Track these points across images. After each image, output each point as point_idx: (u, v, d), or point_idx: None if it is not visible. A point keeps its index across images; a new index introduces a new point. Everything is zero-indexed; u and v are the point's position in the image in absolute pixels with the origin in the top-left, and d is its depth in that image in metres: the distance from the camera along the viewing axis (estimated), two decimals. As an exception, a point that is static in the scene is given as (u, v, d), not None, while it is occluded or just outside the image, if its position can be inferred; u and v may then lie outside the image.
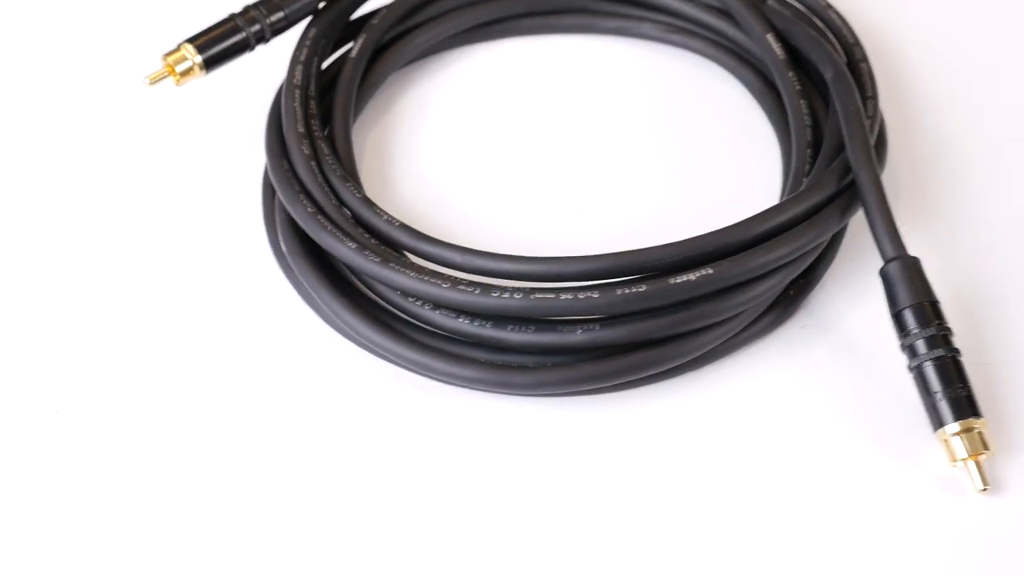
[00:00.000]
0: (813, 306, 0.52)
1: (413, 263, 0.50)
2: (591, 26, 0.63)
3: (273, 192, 0.54)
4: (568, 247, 0.52)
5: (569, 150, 0.59)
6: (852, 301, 0.52)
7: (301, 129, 0.54)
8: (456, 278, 0.48)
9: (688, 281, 0.47)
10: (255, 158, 0.56)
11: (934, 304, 0.47)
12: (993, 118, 0.59)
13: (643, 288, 0.47)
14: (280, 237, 0.53)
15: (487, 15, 0.62)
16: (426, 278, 0.48)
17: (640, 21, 0.62)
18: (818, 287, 0.52)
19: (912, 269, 0.48)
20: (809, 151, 0.54)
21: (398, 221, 0.51)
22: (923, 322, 0.47)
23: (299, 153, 0.53)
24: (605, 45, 0.63)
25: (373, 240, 0.51)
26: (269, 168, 0.54)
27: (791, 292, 0.51)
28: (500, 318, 0.48)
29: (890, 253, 0.49)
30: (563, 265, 0.48)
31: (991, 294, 0.52)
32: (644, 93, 0.61)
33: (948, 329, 0.47)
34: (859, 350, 0.50)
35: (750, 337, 0.51)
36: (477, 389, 0.49)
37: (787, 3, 0.60)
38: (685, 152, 0.58)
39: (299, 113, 0.55)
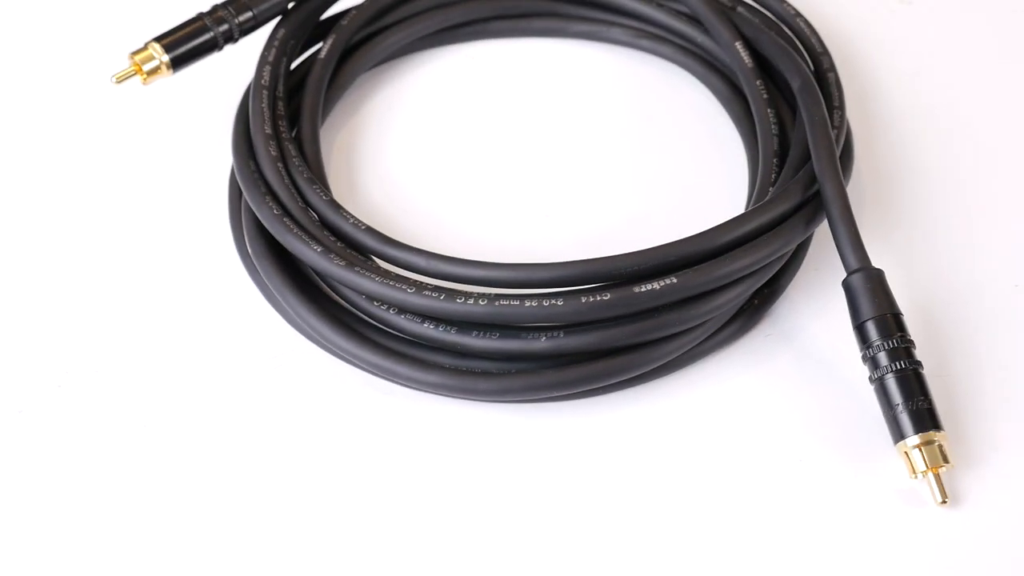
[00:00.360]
0: (777, 315, 0.52)
1: (378, 267, 0.50)
2: (560, 30, 0.63)
3: (239, 193, 0.54)
4: (534, 251, 0.53)
5: (536, 154, 0.59)
6: (816, 311, 0.52)
7: (268, 130, 0.54)
8: (421, 283, 0.48)
9: (652, 290, 0.47)
10: (222, 159, 0.56)
11: (896, 316, 0.48)
12: (957, 128, 0.59)
13: (607, 296, 0.47)
14: (246, 238, 0.53)
15: (457, 17, 0.62)
16: (390, 283, 0.48)
17: (609, 26, 0.63)
18: (782, 296, 0.52)
19: (875, 281, 0.48)
20: (775, 160, 0.54)
21: (364, 224, 0.51)
22: (885, 334, 0.47)
23: (266, 154, 0.53)
24: (574, 49, 0.63)
25: (339, 243, 0.51)
26: (236, 169, 0.54)
27: (755, 301, 0.51)
28: (464, 324, 0.48)
29: (853, 265, 0.49)
30: (528, 272, 0.48)
31: (953, 305, 0.52)
32: (612, 98, 0.61)
33: (910, 341, 0.47)
34: (822, 360, 0.51)
35: (714, 346, 0.51)
36: (441, 394, 0.49)
37: (756, 11, 0.60)
38: (652, 158, 0.58)
39: (267, 114, 0.54)
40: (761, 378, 0.50)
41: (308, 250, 0.50)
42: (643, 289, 0.47)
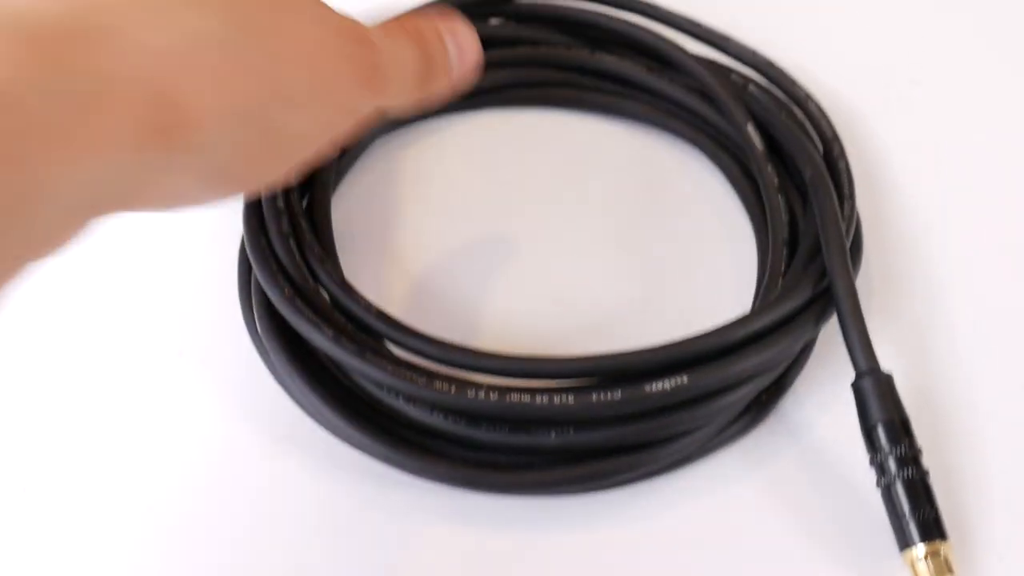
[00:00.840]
0: (784, 411, 0.52)
1: (390, 353, 0.50)
2: (575, 101, 0.63)
3: (249, 267, 0.54)
4: (544, 336, 0.53)
5: (546, 232, 0.58)
6: (823, 406, 0.52)
7: (280, 204, 0.54)
8: (432, 373, 0.48)
9: (663, 390, 0.47)
10: (232, 228, 0.56)
11: (904, 423, 0.48)
12: (966, 215, 0.60)
13: (618, 395, 0.47)
14: (255, 314, 0.52)
15: (471, 84, 0.62)
16: (401, 372, 0.48)
17: (623, 99, 0.62)
18: (789, 391, 0.52)
19: (884, 386, 0.48)
20: (785, 249, 0.54)
21: (375, 308, 0.51)
22: (893, 440, 0.47)
23: (277, 231, 0.53)
24: (587, 123, 0.63)
25: (350, 324, 0.51)
26: (247, 244, 0.53)
27: (763, 397, 0.52)
28: (474, 417, 0.48)
29: (863, 367, 0.49)
30: (538, 365, 0.48)
31: (960, 405, 0.52)
32: (623, 174, 0.61)
33: (918, 449, 0.47)
34: (828, 458, 0.51)
35: (721, 441, 0.51)
36: (447, 485, 0.49)
37: (767, 91, 0.60)
38: (661, 238, 0.58)
39: (278, 187, 0.54)
40: (766, 476, 0.50)
41: (319, 335, 0.49)
42: (654, 389, 0.47)
